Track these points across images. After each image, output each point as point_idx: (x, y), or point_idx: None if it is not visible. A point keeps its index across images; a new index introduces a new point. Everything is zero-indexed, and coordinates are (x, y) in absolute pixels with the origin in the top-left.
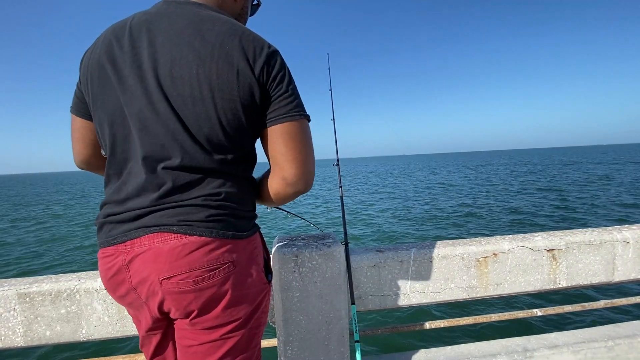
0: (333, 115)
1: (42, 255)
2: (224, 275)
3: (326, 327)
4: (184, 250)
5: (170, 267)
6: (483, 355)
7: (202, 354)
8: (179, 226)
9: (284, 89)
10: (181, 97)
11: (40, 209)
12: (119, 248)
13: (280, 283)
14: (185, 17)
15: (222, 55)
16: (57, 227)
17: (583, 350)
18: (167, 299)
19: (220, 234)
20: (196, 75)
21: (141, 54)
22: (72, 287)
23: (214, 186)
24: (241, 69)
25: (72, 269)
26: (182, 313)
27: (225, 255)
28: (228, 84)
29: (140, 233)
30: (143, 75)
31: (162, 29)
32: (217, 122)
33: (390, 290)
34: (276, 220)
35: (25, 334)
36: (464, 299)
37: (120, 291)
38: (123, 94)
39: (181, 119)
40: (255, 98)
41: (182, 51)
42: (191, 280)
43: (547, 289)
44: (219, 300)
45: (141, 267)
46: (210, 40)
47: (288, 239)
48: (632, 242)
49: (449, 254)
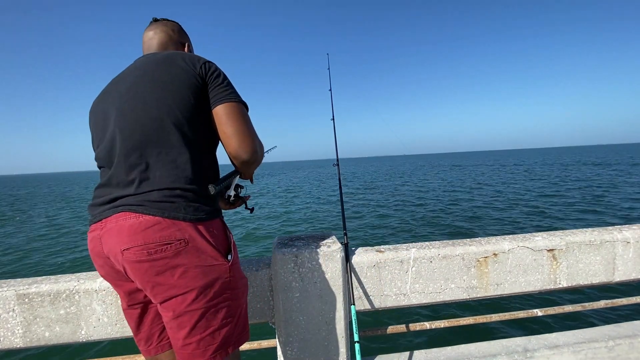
0: (333, 115)
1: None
2: (175, 250)
3: (326, 328)
4: (140, 227)
5: (129, 239)
6: (483, 355)
7: (175, 328)
8: (137, 206)
9: (220, 81)
10: (136, 93)
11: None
12: (97, 225)
13: (280, 283)
14: (153, 56)
15: (173, 63)
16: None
17: (584, 350)
18: (127, 267)
19: (172, 215)
20: (153, 74)
21: (113, 90)
22: (72, 287)
23: (169, 171)
24: (184, 67)
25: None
26: (141, 281)
27: (176, 233)
28: (176, 76)
29: (110, 213)
30: (119, 88)
31: (138, 66)
32: (172, 106)
33: (390, 290)
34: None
35: (25, 335)
36: (464, 299)
37: (99, 261)
38: (110, 108)
39: (140, 110)
40: (198, 87)
41: (145, 71)
42: (145, 252)
43: (548, 289)
44: (173, 270)
45: (109, 240)
46: (165, 57)
47: (288, 240)
48: (633, 242)
49: (449, 254)
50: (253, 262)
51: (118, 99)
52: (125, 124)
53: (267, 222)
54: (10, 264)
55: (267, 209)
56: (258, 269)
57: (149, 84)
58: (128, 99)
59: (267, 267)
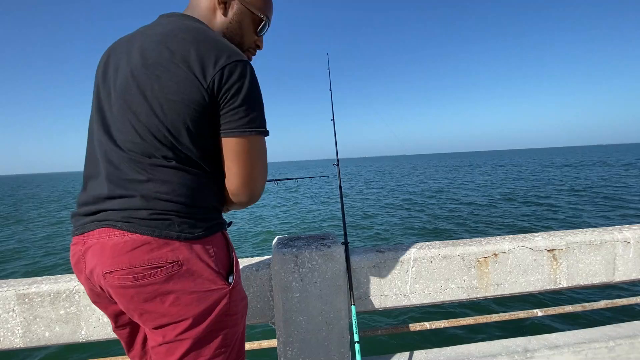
0: (333, 116)
1: None
2: (167, 274)
3: (326, 328)
4: (125, 247)
5: (113, 262)
6: (483, 355)
7: (162, 354)
8: (122, 222)
9: (238, 103)
10: (131, 96)
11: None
12: (79, 238)
13: (280, 284)
14: (158, 29)
15: (178, 60)
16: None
17: (584, 350)
18: (110, 292)
19: (164, 234)
20: (149, 77)
21: (110, 72)
22: (72, 287)
23: (161, 185)
24: (190, 77)
25: None
26: (127, 308)
27: (169, 254)
28: (177, 88)
29: (92, 227)
30: (109, 88)
31: (137, 45)
32: (159, 120)
33: (390, 290)
34: (272, 221)
35: (24, 335)
36: (464, 299)
37: (81, 278)
38: (105, 97)
39: (134, 117)
40: (203, 106)
41: (145, 59)
42: (131, 277)
43: (548, 289)
44: (163, 297)
45: (91, 258)
46: (170, 47)
47: (288, 240)
48: (633, 242)
49: (449, 254)
50: (253, 262)
51: (112, 94)
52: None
53: (267, 222)
54: (10, 264)
55: (266, 210)
56: (258, 269)
57: (140, 95)
58: (118, 105)
59: (267, 267)
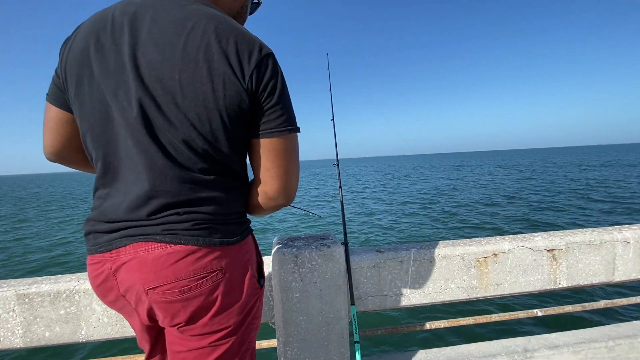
0: (333, 115)
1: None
2: (213, 284)
3: (326, 328)
4: (169, 260)
5: (156, 276)
6: (483, 355)
7: (191, 359)
8: (162, 235)
9: (275, 100)
10: (154, 102)
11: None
12: (105, 256)
13: (280, 284)
14: (171, 11)
15: (207, 59)
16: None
17: (584, 350)
18: (154, 307)
19: (207, 242)
20: (178, 81)
21: (123, 52)
22: (72, 287)
23: (199, 193)
24: (227, 77)
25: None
26: (170, 321)
27: (214, 262)
28: (212, 92)
29: (125, 242)
30: (126, 80)
31: (145, 25)
32: (198, 131)
33: (390, 290)
34: (272, 221)
35: (25, 335)
36: (464, 299)
37: (109, 297)
38: (111, 102)
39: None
40: (242, 108)
41: (164, 54)
42: (177, 290)
43: (548, 289)
44: (208, 308)
45: (127, 276)
46: (195, 41)
47: (288, 240)
48: (633, 242)
49: (449, 254)
50: None
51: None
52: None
53: (266, 222)
54: (11, 264)
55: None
56: None
57: (177, 87)
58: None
59: (267, 267)
